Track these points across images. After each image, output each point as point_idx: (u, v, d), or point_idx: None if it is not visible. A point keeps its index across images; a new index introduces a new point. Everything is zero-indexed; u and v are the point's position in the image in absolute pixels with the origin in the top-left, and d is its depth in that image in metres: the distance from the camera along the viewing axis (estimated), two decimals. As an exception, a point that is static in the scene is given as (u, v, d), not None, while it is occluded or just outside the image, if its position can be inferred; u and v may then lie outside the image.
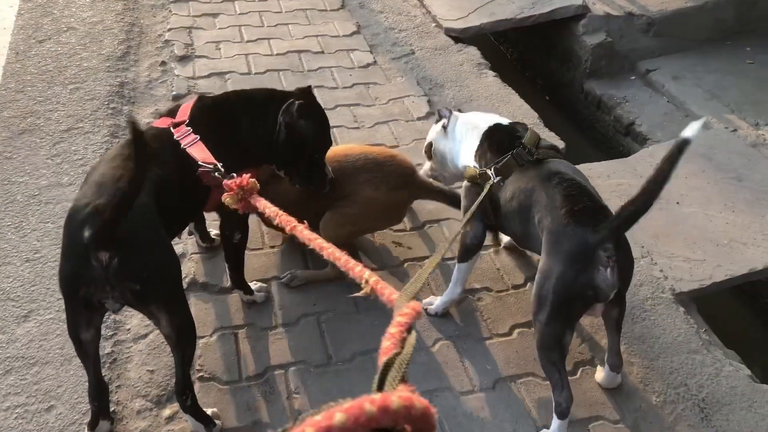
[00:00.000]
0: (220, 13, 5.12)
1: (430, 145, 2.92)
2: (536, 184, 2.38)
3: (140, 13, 5.08)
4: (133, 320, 2.73)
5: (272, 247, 3.12)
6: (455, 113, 2.88)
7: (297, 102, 2.48)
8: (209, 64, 4.46)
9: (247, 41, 4.77)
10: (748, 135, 4.07)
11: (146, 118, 3.89)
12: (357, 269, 1.27)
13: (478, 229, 2.68)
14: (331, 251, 1.40)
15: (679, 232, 3.25)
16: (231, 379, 2.54)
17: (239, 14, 5.13)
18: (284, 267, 3.00)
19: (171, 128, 2.27)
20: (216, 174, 2.12)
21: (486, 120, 2.75)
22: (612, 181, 3.62)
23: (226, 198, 2.03)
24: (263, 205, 1.90)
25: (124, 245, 1.92)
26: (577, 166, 3.74)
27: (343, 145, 3.31)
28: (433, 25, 5.09)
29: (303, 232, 1.57)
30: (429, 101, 4.24)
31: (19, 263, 2.98)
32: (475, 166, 2.63)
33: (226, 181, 2.03)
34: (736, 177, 3.65)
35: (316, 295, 2.88)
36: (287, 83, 4.34)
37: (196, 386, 2.48)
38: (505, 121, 2.73)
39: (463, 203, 2.75)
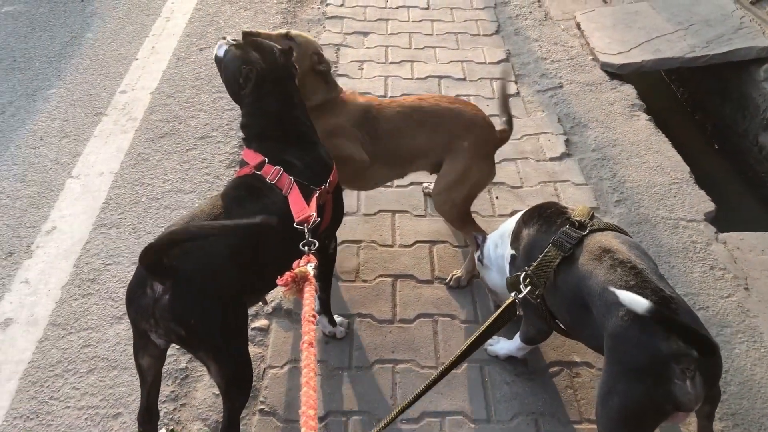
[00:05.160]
0: (371, 32, 5.12)
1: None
2: (585, 268, 2.04)
3: (296, 27, 5.20)
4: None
5: (364, 280, 3.00)
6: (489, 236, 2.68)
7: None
8: (348, 83, 4.45)
9: (391, 63, 4.71)
10: None
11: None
12: None
13: (543, 326, 2.38)
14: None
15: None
16: (290, 418, 2.45)
17: (389, 34, 5.09)
18: (373, 303, 2.88)
19: (256, 172, 2.17)
20: (304, 247, 1.96)
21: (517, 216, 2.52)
22: (766, 257, 3.09)
23: (287, 295, 1.81)
24: (306, 297, 1.73)
25: (180, 283, 1.84)
26: (728, 234, 3.29)
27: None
28: (590, 58, 4.72)
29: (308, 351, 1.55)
30: (567, 141, 3.91)
31: (128, 264, 3.11)
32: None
33: (278, 280, 1.80)
34: None
35: (396, 342, 2.72)
36: (421, 109, 4.21)
37: (255, 419, 2.43)
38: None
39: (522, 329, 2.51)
